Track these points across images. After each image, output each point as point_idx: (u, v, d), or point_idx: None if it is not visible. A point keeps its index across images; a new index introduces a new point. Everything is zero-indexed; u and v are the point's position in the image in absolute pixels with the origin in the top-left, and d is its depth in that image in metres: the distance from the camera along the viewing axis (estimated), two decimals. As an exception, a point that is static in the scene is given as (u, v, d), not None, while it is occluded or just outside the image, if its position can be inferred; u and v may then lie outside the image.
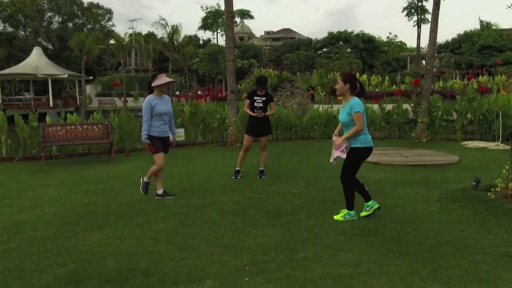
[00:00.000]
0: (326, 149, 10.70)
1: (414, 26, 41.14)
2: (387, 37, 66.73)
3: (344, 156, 4.76)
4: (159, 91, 5.79)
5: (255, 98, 6.99)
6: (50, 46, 57.69)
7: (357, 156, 4.77)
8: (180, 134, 11.17)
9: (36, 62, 27.47)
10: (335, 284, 3.23)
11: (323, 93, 29.74)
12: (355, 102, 4.60)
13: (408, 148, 10.15)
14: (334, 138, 4.90)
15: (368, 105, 12.70)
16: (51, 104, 27.58)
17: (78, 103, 30.24)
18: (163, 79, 5.84)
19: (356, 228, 4.51)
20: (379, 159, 8.44)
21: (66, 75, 27.07)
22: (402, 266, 3.54)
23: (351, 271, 3.44)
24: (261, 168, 7.27)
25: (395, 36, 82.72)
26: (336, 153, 4.87)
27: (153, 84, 5.76)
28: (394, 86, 33.72)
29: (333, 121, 12.60)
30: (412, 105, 12.10)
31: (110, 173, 7.80)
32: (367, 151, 4.78)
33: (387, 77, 35.15)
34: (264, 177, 7.11)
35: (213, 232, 4.45)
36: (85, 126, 9.55)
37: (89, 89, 44.12)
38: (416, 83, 12.21)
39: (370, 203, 4.89)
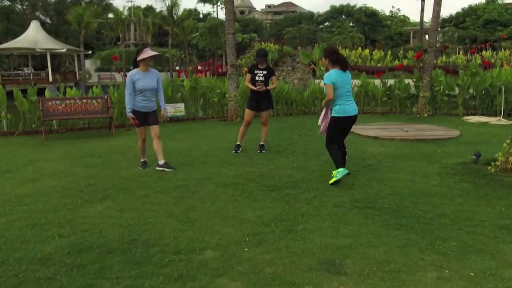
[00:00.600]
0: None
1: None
2: (390, 11, 65.71)
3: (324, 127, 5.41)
4: (144, 65, 5.75)
5: (256, 72, 6.91)
6: (48, 20, 56.87)
7: (332, 125, 5.22)
8: (180, 109, 11.13)
9: (34, 36, 27.11)
10: (334, 255, 3.27)
11: (325, 68, 29.54)
12: (327, 74, 5.07)
13: (409, 123, 10.11)
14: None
15: (370, 80, 12.59)
16: (50, 79, 27.37)
17: (77, 78, 29.97)
18: (148, 52, 5.76)
19: (355, 200, 4.53)
20: (379, 134, 8.42)
21: (64, 50, 26.77)
22: (400, 237, 3.58)
23: (350, 242, 3.48)
24: (261, 143, 7.26)
25: (398, 10, 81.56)
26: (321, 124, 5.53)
27: (138, 58, 5.70)
28: (396, 61, 33.39)
29: (334, 96, 12.51)
30: (414, 80, 11.99)
31: (110, 147, 7.80)
32: (342, 120, 5.17)
33: (389, 52, 34.76)
34: (264, 151, 7.11)
35: (213, 204, 4.48)
36: (85, 101, 9.49)
37: (88, 64, 43.73)
38: (418, 57, 12.05)
39: (341, 169, 5.09)
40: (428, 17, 46.10)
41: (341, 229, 3.76)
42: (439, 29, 49.20)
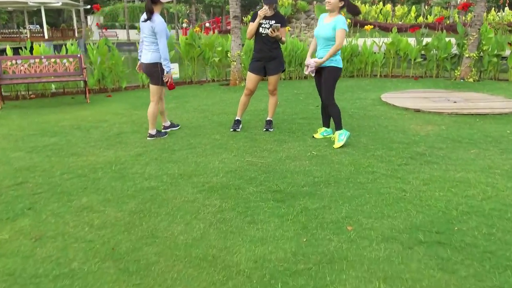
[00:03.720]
0: (351, 90, 8.83)
1: None
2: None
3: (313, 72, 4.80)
4: (159, 10, 4.84)
5: (261, 21, 5.05)
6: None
7: (336, 75, 4.70)
8: (174, 70, 9.28)
9: (26, -11, 24.89)
10: None
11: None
12: (342, 19, 4.48)
13: (453, 90, 8.18)
14: (308, 61, 4.77)
15: (401, 37, 10.51)
16: (45, 36, 25.42)
17: (76, 35, 27.94)
18: None
19: (415, 227, 2.81)
20: (421, 105, 6.56)
21: (59, 3, 24.60)
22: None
23: None
24: (268, 118, 5.50)
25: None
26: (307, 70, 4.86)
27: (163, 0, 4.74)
28: (421, 18, 30.60)
29: (358, 56, 10.53)
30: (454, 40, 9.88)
31: (76, 120, 6.11)
32: (340, 71, 4.73)
33: (413, 8, 31.86)
34: (272, 129, 5.36)
35: (185, 231, 2.80)
36: (53, 60, 7.72)
37: (90, 20, 41.46)
38: (465, 7, 9.86)
39: (345, 130, 4.71)
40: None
41: (404, 300, 2.07)
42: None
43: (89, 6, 36.22)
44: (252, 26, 5.07)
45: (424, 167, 3.95)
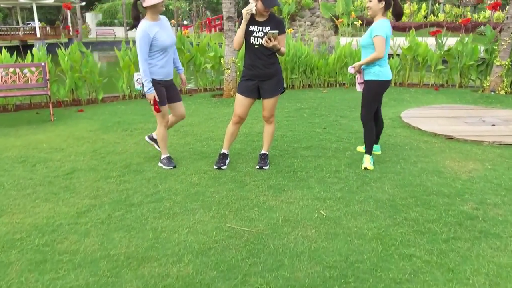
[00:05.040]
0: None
1: None
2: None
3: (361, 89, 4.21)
4: (154, 13, 3.84)
5: (251, 28, 3.85)
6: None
7: (375, 92, 4.07)
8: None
9: (18, -15, 23.74)
10: None
11: (349, 23, 25.63)
12: (379, 25, 3.87)
13: (485, 107, 6.93)
14: (349, 69, 4.14)
15: (419, 39, 9.25)
16: (38, 34, 24.25)
17: (70, 33, 26.78)
18: None
19: None
20: (453, 130, 5.33)
21: (52, 0, 23.44)
22: None
23: None
24: (263, 151, 4.29)
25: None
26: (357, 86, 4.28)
27: (145, 4, 3.74)
28: (432, 17, 29.18)
29: (370, 62, 9.27)
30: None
31: (27, 149, 4.93)
32: (382, 85, 4.04)
33: (423, 5, 30.42)
34: (267, 167, 4.16)
35: None
36: (12, 70, 6.53)
37: (89, 17, 40.30)
38: (495, 7, 8.55)
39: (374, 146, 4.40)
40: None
41: None
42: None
43: (84, 3, 35.12)
44: (238, 33, 3.87)
45: (482, 244, 2.74)
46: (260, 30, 3.85)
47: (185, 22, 37.25)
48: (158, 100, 3.90)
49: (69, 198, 3.53)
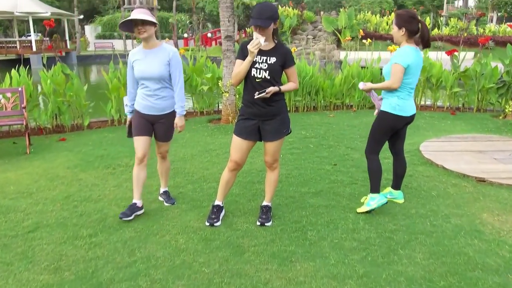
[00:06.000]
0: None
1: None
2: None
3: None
4: (145, 40, 3.41)
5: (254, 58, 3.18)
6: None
7: (384, 125, 3.57)
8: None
9: (15, -2, 23.28)
10: None
11: (351, 37, 25.10)
12: (401, 52, 3.39)
13: (510, 135, 6.25)
14: (360, 85, 3.66)
15: (433, 58, 8.60)
16: (33, 48, 23.71)
17: (68, 46, 26.26)
18: (134, 14, 3.28)
19: None
20: (483, 170, 4.63)
21: (48, 13, 22.91)
22: None
23: None
24: (265, 203, 3.59)
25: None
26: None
27: (119, 27, 3.41)
28: (436, 30, 28.70)
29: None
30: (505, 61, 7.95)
31: (-11, 193, 4.23)
32: (397, 121, 3.53)
33: (428, 19, 29.95)
34: (269, 223, 3.45)
35: None
36: (-15, 95, 5.88)
37: (88, 30, 39.92)
38: (485, 41, 7.81)
39: (396, 193, 3.86)
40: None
41: None
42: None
43: (82, 16, 34.80)
44: (240, 67, 3.19)
45: None
46: (264, 61, 3.18)
47: (185, 35, 36.82)
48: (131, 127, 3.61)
49: (23, 272, 2.82)
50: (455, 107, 8.47)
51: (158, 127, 3.59)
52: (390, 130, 3.62)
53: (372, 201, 3.60)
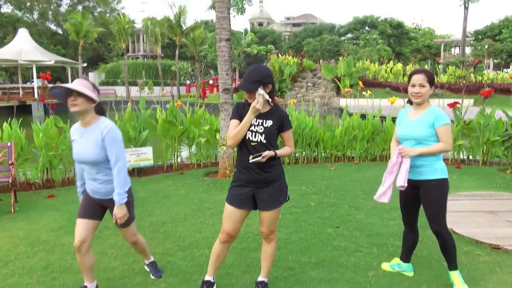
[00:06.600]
0: (377, 187, 6.56)
1: (460, 6, 35.80)
2: (413, 23, 61.64)
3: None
4: (79, 116, 2.97)
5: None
6: (59, 31, 54.42)
7: (446, 190, 3.24)
8: (146, 156, 7.22)
9: (20, 46, 23.76)
10: None
11: (350, 84, 25.38)
12: (441, 112, 3.18)
13: (522, 193, 5.95)
14: (400, 149, 3.19)
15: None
16: (35, 95, 23.95)
17: (70, 93, 26.49)
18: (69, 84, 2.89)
19: None
20: (496, 235, 4.30)
21: (52, 61, 23.33)
22: None
23: None
24: (260, 279, 3.25)
25: (422, 21, 76.96)
26: (389, 180, 3.31)
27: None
28: (435, 77, 29.09)
29: (381, 135, 8.44)
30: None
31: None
32: (448, 184, 3.26)
33: (426, 67, 30.44)
34: (266, 304, 3.09)
35: None
36: (-29, 150, 5.66)
37: (92, 77, 40.63)
38: (488, 94, 7.67)
39: (405, 265, 3.54)
40: (471, 27, 41.78)
41: None
42: (472, 41, 44.75)
43: (85, 64, 35.53)
44: (240, 127, 2.95)
45: None
46: (260, 124, 2.98)
47: (187, 82, 37.41)
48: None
49: None
50: (460, 160, 8.22)
51: (111, 212, 3.06)
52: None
53: (461, 277, 3.29)
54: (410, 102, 3.34)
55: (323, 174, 7.34)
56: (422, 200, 3.29)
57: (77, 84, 2.86)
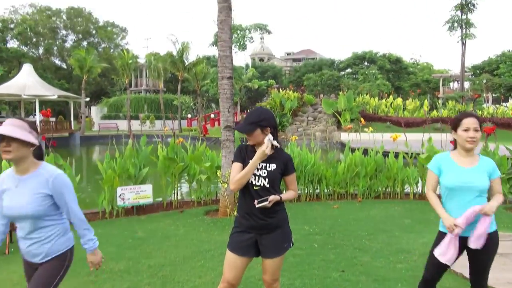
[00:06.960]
0: (382, 226, 6.44)
1: (458, 42, 36.52)
2: (411, 58, 62.69)
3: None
4: (14, 163, 2.44)
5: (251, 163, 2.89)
6: (64, 66, 55.45)
7: (497, 245, 2.96)
8: (145, 194, 7.10)
9: (24, 81, 24.07)
10: None
11: (350, 119, 25.51)
12: (493, 162, 2.98)
13: (531, 234, 5.77)
14: (481, 210, 2.78)
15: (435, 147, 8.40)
16: (38, 129, 24.03)
17: (72, 127, 26.66)
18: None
19: None
20: (508, 280, 4.12)
21: (55, 96, 23.60)
22: None
23: None
24: (263, 331, 3.07)
25: (420, 56, 78.41)
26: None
27: None
28: (435, 112, 29.25)
29: (384, 172, 8.33)
30: None
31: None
32: None
33: (426, 101, 30.73)
34: None
35: None
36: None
37: (94, 111, 40.95)
38: (490, 131, 7.59)
39: None
40: (469, 61, 42.57)
41: None
42: (470, 76, 45.37)
43: (88, 99, 35.90)
44: (245, 171, 2.86)
45: None
46: (264, 167, 2.89)
47: (189, 116, 37.66)
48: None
49: None
50: (465, 198, 8.06)
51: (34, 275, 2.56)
52: None
53: None
54: (455, 146, 3.08)
55: (326, 212, 7.18)
56: (475, 256, 3.00)
57: (8, 126, 2.34)
